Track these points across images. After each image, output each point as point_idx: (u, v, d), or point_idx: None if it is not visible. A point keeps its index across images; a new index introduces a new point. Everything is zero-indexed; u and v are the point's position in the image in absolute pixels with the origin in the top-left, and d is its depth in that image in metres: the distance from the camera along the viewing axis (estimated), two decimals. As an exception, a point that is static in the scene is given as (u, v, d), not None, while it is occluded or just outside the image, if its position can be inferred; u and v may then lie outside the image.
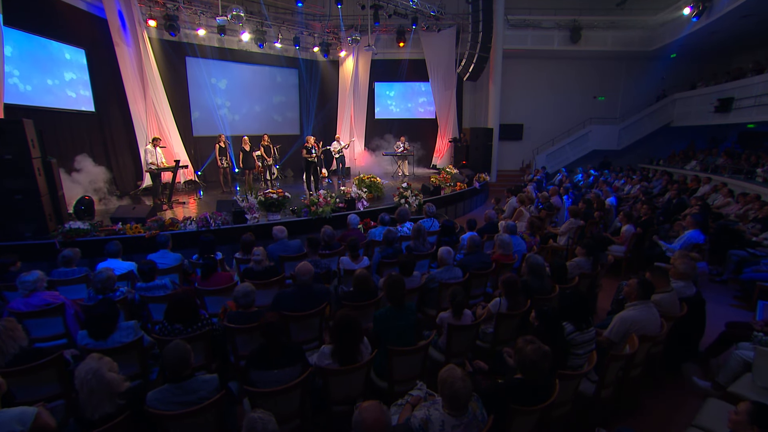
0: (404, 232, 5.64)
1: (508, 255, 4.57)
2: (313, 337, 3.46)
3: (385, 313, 2.98)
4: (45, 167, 6.20)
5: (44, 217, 5.85)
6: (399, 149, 13.81)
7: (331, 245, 4.86)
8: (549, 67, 15.48)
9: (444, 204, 9.78)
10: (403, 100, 16.06)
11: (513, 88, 15.40)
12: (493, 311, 3.31)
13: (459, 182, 10.74)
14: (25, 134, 5.62)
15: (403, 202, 7.87)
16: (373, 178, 8.89)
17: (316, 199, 6.87)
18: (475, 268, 4.19)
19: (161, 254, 4.44)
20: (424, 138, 15.17)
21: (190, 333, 2.87)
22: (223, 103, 12.79)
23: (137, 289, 3.66)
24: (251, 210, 6.35)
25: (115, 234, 5.83)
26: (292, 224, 6.86)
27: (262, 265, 3.94)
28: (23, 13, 7.78)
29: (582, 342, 2.75)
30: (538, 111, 16.11)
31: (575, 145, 15.54)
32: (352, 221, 5.48)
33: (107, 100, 9.78)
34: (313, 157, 9.82)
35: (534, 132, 16.40)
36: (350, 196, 7.45)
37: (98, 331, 2.68)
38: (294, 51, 13.89)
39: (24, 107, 7.90)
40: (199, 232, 6.10)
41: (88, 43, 9.34)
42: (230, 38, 12.26)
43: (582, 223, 6.47)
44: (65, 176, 7.88)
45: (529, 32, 14.02)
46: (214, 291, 3.81)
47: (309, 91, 14.82)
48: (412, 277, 3.84)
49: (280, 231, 4.84)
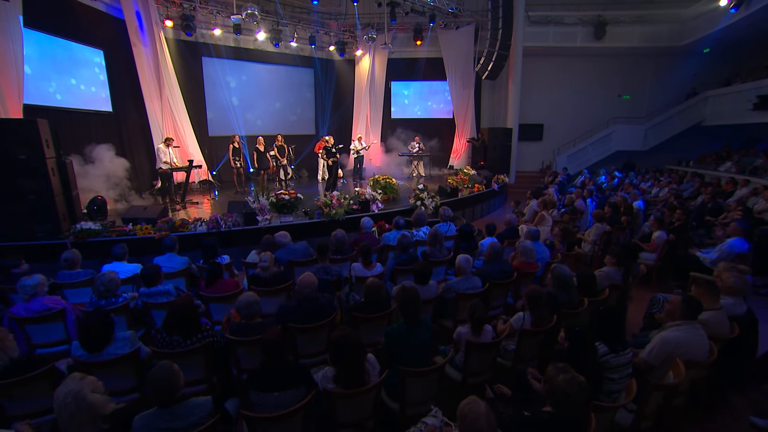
0: (420, 236, 5.39)
1: (531, 263, 4.27)
2: (321, 350, 3.25)
3: (398, 329, 2.74)
4: (59, 167, 6.19)
5: (57, 217, 5.83)
6: (413, 149, 13.56)
7: (343, 250, 4.65)
8: (570, 64, 14.95)
9: (461, 206, 9.47)
10: (420, 100, 15.78)
11: (533, 87, 14.92)
12: (515, 327, 3.04)
13: (477, 184, 10.41)
14: (39, 134, 5.59)
15: (419, 205, 7.61)
16: (389, 179, 8.66)
17: (329, 200, 6.68)
18: (496, 278, 3.91)
19: (168, 257, 4.31)
20: (441, 138, 14.86)
21: (189, 345, 2.70)
22: (238, 103, 12.76)
23: (140, 295, 3.51)
24: (262, 211, 6.20)
25: (126, 235, 5.76)
26: (304, 226, 6.69)
27: (269, 272, 3.76)
28: (43, 14, 7.85)
29: (617, 365, 2.45)
30: (559, 110, 15.58)
31: (598, 145, 14.96)
32: (365, 225, 5.26)
33: (124, 100, 9.84)
34: (335, 159, 9.63)
35: (554, 132, 15.89)
36: (364, 198, 7.23)
37: (91, 343, 2.52)
38: (310, 50, 13.78)
39: (43, 107, 7.97)
40: (209, 234, 5.98)
41: (107, 43, 9.39)
42: (246, 38, 12.22)
43: (608, 229, 6.10)
44: (83, 175, 7.94)
45: (550, 29, 13.55)
46: (218, 298, 3.64)
47: (324, 90, 14.69)
48: (428, 286, 3.58)
49: (283, 236, 4.65)
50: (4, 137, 5.48)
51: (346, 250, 4.72)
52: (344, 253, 4.66)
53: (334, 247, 4.72)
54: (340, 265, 4.62)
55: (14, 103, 6.98)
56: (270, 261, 3.78)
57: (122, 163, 8.76)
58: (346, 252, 4.70)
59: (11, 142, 5.51)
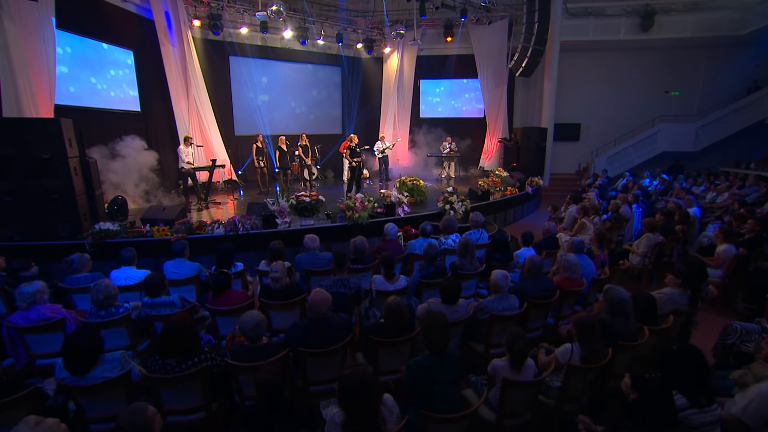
0: (449, 244, 4.94)
1: (575, 280, 3.74)
2: (335, 376, 2.88)
3: (421, 363, 2.32)
4: (82, 167, 6.14)
5: (79, 216, 5.77)
6: (445, 150, 13.05)
7: (363, 259, 4.27)
8: (611, 59, 13.98)
9: (492, 210, 8.91)
10: (450, 98, 15.24)
11: (569, 84, 14.07)
12: (562, 361, 2.55)
13: (509, 186, 9.80)
14: (62, 133, 5.54)
15: (448, 209, 7.13)
16: (416, 180, 8.22)
17: (352, 203, 6.33)
18: (535, 297, 3.41)
19: (177, 263, 4.07)
20: (471, 138, 14.27)
21: (184, 370, 2.38)
22: (264, 102, 12.68)
23: (143, 305, 3.26)
24: (282, 214, 5.93)
25: (143, 236, 5.62)
26: (325, 230, 6.37)
27: (281, 283, 3.43)
28: (76, 16, 7.94)
29: (701, 425, 1.94)
30: (598, 109, 14.64)
31: (642, 146, 13.91)
32: (389, 231, 4.86)
33: (152, 99, 9.90)
34: (358, 160, 9.28)
35: (592, 132, 14.96)
36: (390, 201, 6.83)
37: (75, 365, 2.25)
38: (337, 48, 13.54)
39: (74, 108, 8.06)
40: (226, 237, 5.76)
41: (136, 44, 9.46)
42: (273, 36, 12.11)
43: (661, 239, 5.42)
44: (112, 175, 7.97)
45: (590, 21, 12.67)
46: (226, 311, 3.34)
47: (351, 89, 14.42)
48: (457, 306, 3.14)
49: (312, 240, 4.32)
50: (27, 136, 5.46)
51: (366, 258, 4.35)
52: (365, 262, 4.28)
53: (354, 256, 4.36)
54: (359, 276, 4.25)
55: (45, 103, 7.04)
56: (282, 271, 3.45)
57: (150, 163, 8.77)
58: (367, 261, 4.32)
59: (35, 142, 5.48)
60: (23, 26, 6.61)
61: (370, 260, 4.37)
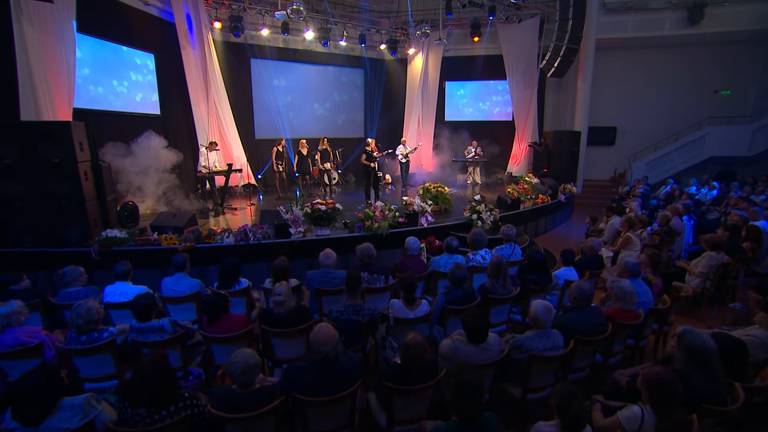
0: (478, 261, 4.40)
1: (631, 311, 3.13)
2: (341, 425, 2.41)
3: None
4: (94, 171, 5.96)
5: (88, 223, 5.56)
6: (470, 155, 12.46)
7: (371, 265, 3.84)
8: (651, 57, 13.02)
9: (522, 220, 8.25)
10: (477, 101, 14.61)
11: (604, 84, 13.20)
12: (628, 429, 1.98)
13: (541, 194, 9.11)
14: (72, 137, 5.35)
15: (475, 219, 6.57)
16: (441, 187, 7.70)
17: (372, 212, 5.87)
18: (583, 332, 2.84)
19: (176, 279, 3.71)
20: (498, 142, 13.60)
21: (157, 422, 1.96)
22: (285, 105, 12.46)
23: (130, 330, 2.89)
24: (296, 223, 5.53)
25: (150, 245, 5.34)
26: (342, 241, 5.93)
27: (284, 308, 2.99)
28: (97, 20, 7.88)
29: None
30: (636, 111, 13.67)
31: (686, 150, 12.84)
32: (411, 246, 4.34)
33: (172, 102, 9.80)
34: (374, 164, 8.85)
35: (629, 136, 13.99)
36: (412, 210, 6.33)
37: (26, 414, 1.87)
38: (359, 50, 13.20)
39: (94, 111, 8.00)
40: (236, 247, 5.41)
41: (157, 47, 9.38)
42: (294, 38, 11.89)
43: (726, 259, 4.69)
44: (130, 178, 7.83)
45: (630, 17, 11.80)
46: (222, 339, 2.93)
47: (374, 91, 14.04)
48: (487, 344, 2.62)
49: (327, 257, 3.86)
50: (37, 140, 5.29)
51: (377, 268, 3.90)
52: (374, 271, 3.83)
53: (362, 262, 3.93)
54: (375, 298, 3.79)
55: (64, 106, 6.95)
56: (285, 294, 3.01)
57: (169, 167, 8.60)
58: (377, 271, 3.86)
59: (45, 146, 5.31)
60: (43, 30, 6.53)
61: (382, 271, 3.90)
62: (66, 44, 6.88)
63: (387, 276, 4.01)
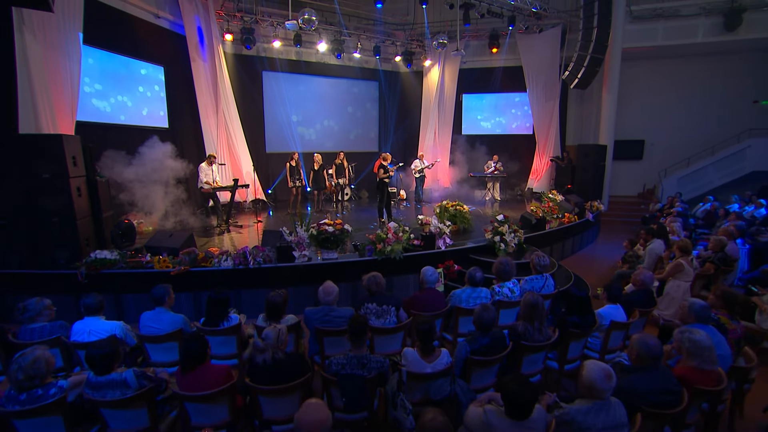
0: (505, 294, 3.80)
1: (711, 372, 2.47)
2: None
3: None
4: (89, 187, 5.61)
5: (79, 242, 5.17)
6: (489, 169, 11.88)
7: (382, 295, 3.36)
8: (681, 66, 12.29)
9: (547, 242, 7.57)
10: (495, 114, 14.07)
11: (630, 96, 12.52)
12: None
13: (567, 213, 8.43)
14: (63, 151, 5.00)
15: (498, 241, 5.95)
16: (459, 205, 7.12)
17: (384, 234, 5.32)
18: (651, 401, 2.20)
19: (155, 315, 3.21)
20: (518, 156, 12.99)
21: None
22: (297, 119, 12.16)
23: (86, 385, 2.38)
24: (300, 246, 5.02)
25: (142, 267, 4.90)
26: (352, 266, 5.38)
27: (269, 355, 2.44)
28: (105, 32, 7.68)
29: None
30: (664, 123, 12.90)
31: (724, 165, 11.96)
32: (428, 279, 3.71)
33: (181, 116, 9.56)
34: (388, 179, 8.34)
35: (658, 149, 13.19)
36: (429, 231, 5.76)
37: None
38: (374, 62, 12.87)
39: (101, 124, 7.77)
40: (235, 271, 4.92)
41: (167, 60, 9.18)
42: (307, 50, 11.64)
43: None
44: (134, 193, 7.50)
45: (660, 24, 11.15)
46: (195, 398, 2.39)
47: (389, 104, 13.65)
48: (530, 421, 2.01)
49: (327, 292, 3.30)
50: (28, 154, 4.96)
51: (386, 298, 3.36)
52: (382, 301, 3.28)
53: (367, 291, 3.45)
54: (387, 339, 3.22)
55: (66, 119, 6.68)
56: (274, 337, 2.46)
57: (175, 182, 8.27)
58: (386, 301, 3.31)
59: (38, 160, 4.97)
60: (47, 41, 6.29)
61: (393, 299, 3.35)
62: (71, 57, 6.65)
63: (398, 308, 3.45)
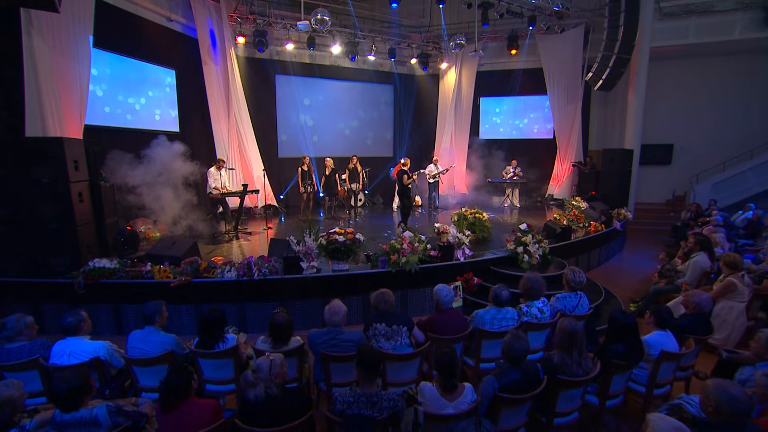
0: (534, 315, 3.37)
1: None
2: None
3: None
4: (93, 192, 5.41)
5: (79, 249, 4.95)
6: (509, 175, 11.41)
7: (391, 318, 2.94)
8: (714, 66, 11.60)
9: (572, 252, 7.06)
10: (514, 117, 13.59)
11: (658, 98, 11.89)
12: None
13: (594, 221, 7.89)
14: (64, 155, 4.80)
15: (521, 252, 5.51)
16: (479, 213, 6.69)
17: (399, 244, 4.94)
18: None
19: (145, 335, 2.89)
20: (537, 162, 12.48)
21: None
22: (311, 123, 11.93)
23: (51, 423, 2.06)
24: (308, 256, 4.68)
25: (142, 277, 4.63)
26: (364, 278, 5.01)
27: (261, 392, 2.08)
28: (116, 35, 7.58)
29: None
30: (694, 127, 12.19)
31: (765, 170, 11.20)
32: (443, 299, 3.21)
33: (192, 119, 9.41)
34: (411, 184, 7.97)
35: (688, 154, 12.48)
36: (447, 241, 5.35)
37: None
38: (389, 65, 12.57)
39: (110, 128, 7.65)
40: (239, 283, 4.60)
41: (179, 63, 9.06)
42: (321, 53, 11.41)
43: None
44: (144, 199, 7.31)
45: (692, 21, 10.54)
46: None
47: (404, 108, 13.32)
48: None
49: (334, 312, 2.92)
50: (27, 158, 4.78)
51: (397, 317, 2.98)
52: (392, 321, 2.90)
53: (375, 310, 3.08)
54: (398, 366, 2.83)
55: (74, 123, 6.53)
56: (267, 369, 2.10)
57: (186, 187, 8.07)
58: (398, 320, 2.93)
59: (35, 164, 4.78)
60: (56, 44, 6.17)
61: (404, 319, 2.97)
62: (80, 59, 6.52)
63: (411, 328, 3.07)
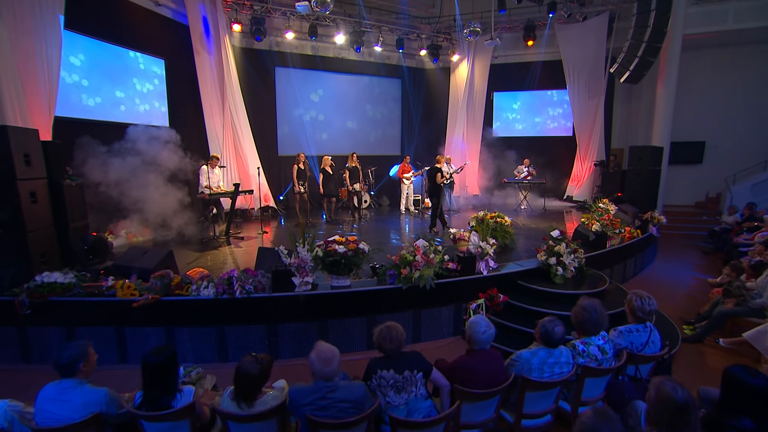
0: (592, 356, 2.50)
1: None
2: None
3: None
4: (53, 191, 4.64)
5: (29, 258, 4.17)
6: (521, 175, 10.54)
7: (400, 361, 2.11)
8: (753, 56, 10.60)
9: (607, 262, 6.14)
10: (530, 113, 12.69)
11: (688, 92, 10.93)
12: None
13: (628, 227, 6.99)
14: (10, 148, 4.02)
15: (554, 264, 4.63)
16: (500, 217, 5.82)
17: (411, 255, 4.08)
18: None
19: (59, 391, 2.05)
20: (556, 160, 11.60)
21: None
22: (313, 118, 11.13)
23: None
24: (302, 270, 3.85)
25: (103, 294, 3.81)
26: (369, 297, 4.16)
27: None
28: (94, 17, 6.84)
29: None
30: (730, 123, 11.21)
31: (810, 171, 10.23)
32: (480, 338, 2.22)
33: (182, 113, 8.61)
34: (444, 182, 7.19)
35: (722, 153, 11.49)
36: (467, 250, 4.49)
37: None
38: (397, 57, 11.75)
39: (90, 122, 6.90)
40: (218, 301, 3.77)
41: (168, 52, 8.29)
42: (324, 44, 10.60)
43: None
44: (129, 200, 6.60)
45: (731, 5, 9.58)
46: None
47: (413, 103, 12.47)
48: None
49: (323, 359, 2.00)
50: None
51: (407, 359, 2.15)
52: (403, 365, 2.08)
53: (378, 348, 2.29)
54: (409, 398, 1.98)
55: (41, 114, 5.77)
56: None
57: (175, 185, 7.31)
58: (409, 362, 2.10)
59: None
60: (17, 23, 5.42)
61: (417, 360, 2.13)
62: (48, 42, 5.76)
63: (427, 373, 2.23)
